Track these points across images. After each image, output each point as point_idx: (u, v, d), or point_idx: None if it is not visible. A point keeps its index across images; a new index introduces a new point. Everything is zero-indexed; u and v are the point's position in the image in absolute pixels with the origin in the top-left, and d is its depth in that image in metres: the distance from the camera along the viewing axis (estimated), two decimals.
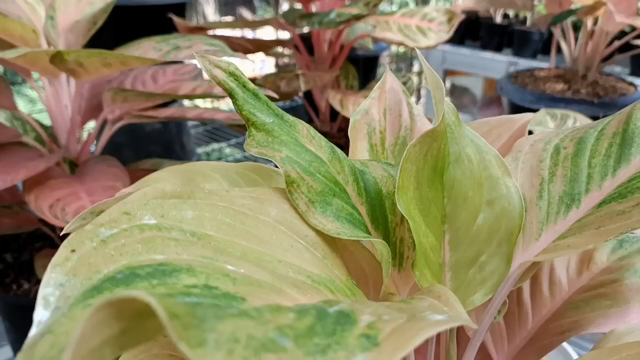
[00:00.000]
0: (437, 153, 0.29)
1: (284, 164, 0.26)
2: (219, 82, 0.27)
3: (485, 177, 0.31)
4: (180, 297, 0.16)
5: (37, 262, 0.62)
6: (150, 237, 0.19)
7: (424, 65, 0.30)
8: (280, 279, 0.21)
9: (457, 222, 0.31)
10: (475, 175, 0.31)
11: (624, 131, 0.31)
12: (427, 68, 0.30)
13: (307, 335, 0.15)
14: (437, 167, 0.29)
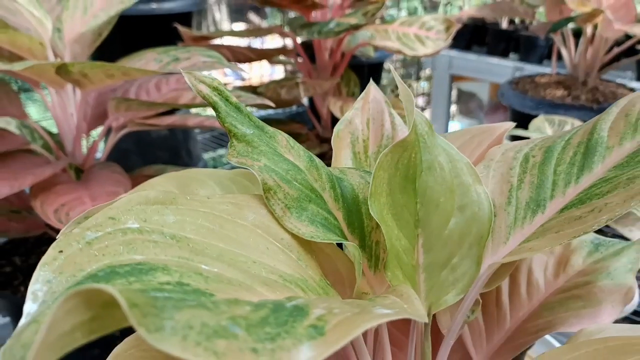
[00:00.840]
0: (408, 162, 0.31)
1: (261, 172, 0.28)
2: (203, 96, 0.29)
3: (456, 184, 0.33)
4: (153, 292, 0.18)
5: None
6: (132, 239, 0.22)
7: (395, 76, 0.32)
8: (252, 277, 0.23)
9: (430, 226, 0.33)
10: (447, 182, 0.33)
11: (588, 140, 0.33)
12: (399, 81, 0.32)
13: (259, 325, 0.17)
14: (408, 175, 0.31)
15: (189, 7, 1.17)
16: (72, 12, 0.63)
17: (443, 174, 0.33)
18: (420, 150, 0.32)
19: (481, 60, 2.21)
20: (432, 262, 0.33)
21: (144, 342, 0.31)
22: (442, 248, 0.33)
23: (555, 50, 1.20)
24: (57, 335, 0.13)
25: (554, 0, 1.12)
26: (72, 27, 0.63)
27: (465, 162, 0.33)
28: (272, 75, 2.66)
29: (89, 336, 0.15)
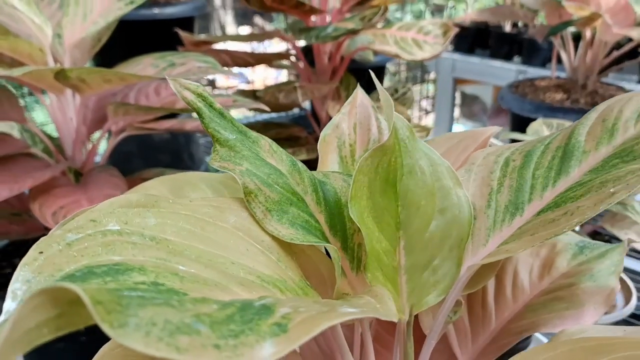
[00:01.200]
0: (387, 166, 0.32)
1: (242, 176, 0.29)
2: (188, 102, 0.30)
3: (437, 187, 0.34)
4: (126, 292, 0.19)
5: None
6: (111, 241, 0.23)
7: (376, 82, 0.33)
8: (229, 278, 0.24)
9: (411, 229, 0.33)
10: (428, 186, 0.34)
11: (566, 145, 0.34)
12: (379, 87, 0.32)
13: (223, 322, 0.18)
14: (388, 179, 0.32)
15: (190, 12, 1.18)
16: (72, 18, 0.64)
17: (424, 177, 0.34)
18: (401, 154, 0.33)
19: (484, 64, 2.21)
20: (413, 263, 0.34)
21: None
22: (423, 250, 0.34)
23: (555, 54, 1.21)
24: (23, 331, 0.14)
25: (553, 4, 1.12)
26: (72, 32, 0.64)
27: (446, 166, 0.34)
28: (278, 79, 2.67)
29: (56, 332, 0.15)
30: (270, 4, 0.83)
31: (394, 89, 1.08)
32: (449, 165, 0.34)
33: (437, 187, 0.34)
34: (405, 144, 0.33)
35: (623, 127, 0.32)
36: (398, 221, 0.33)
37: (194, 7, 1.19)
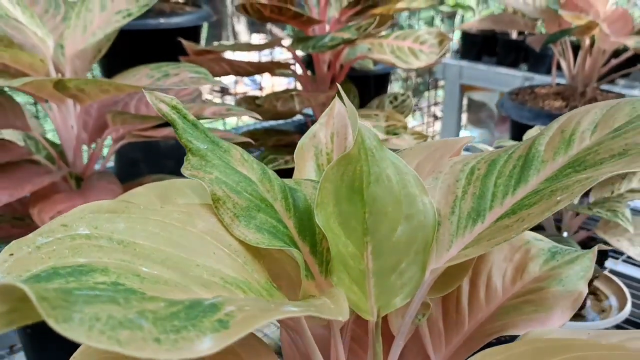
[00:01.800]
0: (352, 174, 0.33)
1: (211, 184, 0.31)
2: (163, 114, 0.32)
3: (404, 194, 0.35)
4: (86, 291, 0.21)
5: None
6: (79, 244, 0.24)
7: (341, 93, 0.35)
8: (191, 279, 0.26)
9: (378, 234, 0.35)
10: (395, 193, 0.35)
11: (527, 155, 0.35)
12: (344, 98, 0.34)
13: (167, 319, 0.19)
14: (354, 186, 0.34)
15: (196, 21, 1.21)
16: (73, 30, 0.66)
17: (391, 185, 0.35)
18: (367, 162, 0.34)
19: (491, 71, 2.22)
20: (381, 267, 0.35)
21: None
22: (390, 254, 0.35)
23: (555, 62, 1.22)
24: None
25: (552, 13, 1.13)
26: (73, 44, 0.66)
27: (412, 174, 0.35)
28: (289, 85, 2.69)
29: (9, 325, 0.17)
30: (269, 15, 0.85)
31: (394, 96, 1.10)
32: (415, 173, 0.35)
33: (404, 194, 0.35)
34: (372, 153, 0.35)
35: (579, 138, 0.34)
36: (365, 227, 0.35)
37: (200, 17, 1.21)
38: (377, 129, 0.92)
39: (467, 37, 2.33)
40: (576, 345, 0.29)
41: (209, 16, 1.23)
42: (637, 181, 0.86)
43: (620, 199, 0.82)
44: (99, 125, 0.74)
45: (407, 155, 0.47)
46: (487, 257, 0.45)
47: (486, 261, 0.45)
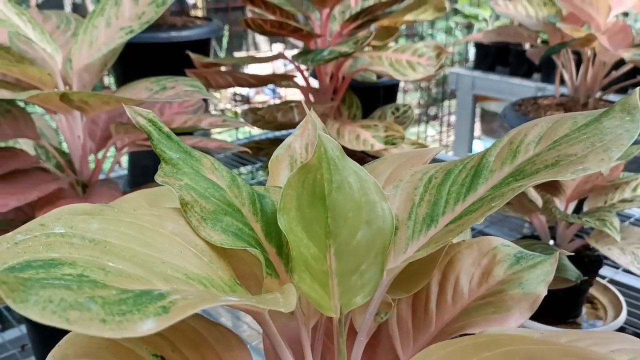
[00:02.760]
0: (313, 182, 0.36)
1: (180, 190, 0.34)
2: (140, 126, 0.36)
3: (364, 201, 0.38)
4: (52, 280, 0.24)
5: None
6: (53, 241, 0.28)
7: (306, 109, 0.38)
8: (155, 274, 0.29)
9: (340, 238, 0.38)
10: (356, 199, 0.38)
11: (478, 164, 0.38)
12: (307, 111, 0.37)
13: (115, 304, 0.23)
14: (315, 193, 0.37)
15: (206, 34, 1.25)
16: (80, 45, 0.70)
17: (352, 192, 0.38)
18: (329, 171, 0.37)
19: (503, 81, 2.24)
20: (343, 268, 0.38)
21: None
22: (351, 256, 0.38)
23: (558, 73, 1.24)
24: None
25: (553, 26, 1.15)
26: (80, 58, 0.70)
27: (372, 182, 0.38)
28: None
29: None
30: (270, 29, 0.89)
31: (396, 107, 1.13)
32: (375, 181, 0.38)
33: (364, 201, 0.38)
34: (334, 163, 0.38)
35: (524, 150, 0.36)
36: (328, 230, 0.38)
37: (209, 30, 1.26)
38: (376, 138, 0.95)
39: (480, 48, 2.35)
40: (510, 340, 0.32)
41: (218, 30, 1.27)
42: (629, 191, 0.88)
43: (611, 209, 0.84)
44: (105, 135, 0.78)
45: (382, 163, 0.50)
46: (457, 263, 0.48)
47: (455, 266, 0.48)
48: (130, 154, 1.35)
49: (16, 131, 0.72)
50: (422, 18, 1.30)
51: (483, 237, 0.49)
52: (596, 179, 0.83)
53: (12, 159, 0.71)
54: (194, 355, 0.39)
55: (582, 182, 0.83)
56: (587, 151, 0.31)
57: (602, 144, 0.31)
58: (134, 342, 0.37)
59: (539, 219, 0.92)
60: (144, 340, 0.37)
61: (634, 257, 0.82)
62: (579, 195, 0.87)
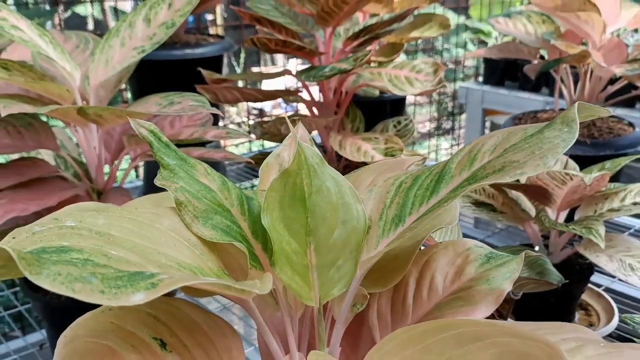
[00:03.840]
0: (293, 185, 0.41)
1: (176, 191, 0.39)
2: (143, 137, 0.41)
3: (341, 203, 0.43)
4: (63, 263, 0.29)
5: None
6: (64, 232, 0.33)
7: (289, 125, 0.43)
8: (150, 261, 0.34)
9: (319, 235, 0.43)
10: (333, 202, 0.43)
11: (442, 171, 0.43)
12: (289, 123, 0.42)
13: (112, 279, 0.28)
14: (295, 195, 0.42)
15: (217, 51, 1.31)
16: (97, 64, 0.76)
17: (330, 195, 0.43)
18: (309, 176, 0.42)
19: (512, 95, 2.27)
20: (322, 263, 0.43)
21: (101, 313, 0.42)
22: (329, 252, 0.43)
23: (557, 88, 1.28)
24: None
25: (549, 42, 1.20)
26: (96, 75, 0.76)
27: (348, 186, 0.43)
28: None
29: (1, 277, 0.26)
30: (274, 48, 0.94)
31: (398, 121, 1.17)
32: (351, 186, 0.43)
33: (341, 203, 0.43)
34: (314, 169, 0.43)
35: (480, 158, 0.41)
36: (308, 229, 0.43)
37: (221, 48, 1.32)
38: (376, 150, 1.00)
39: (490, 63, 2.39)
40: (461, 323, 0.36)
41: (230, 47, 1.33)
42: (618, 201, 0.91)
43: (599, 218, 0.87)
44: (119, 147, 0.84)
45: (366, 171, 0.55)
46: (433, 262, 0.52)
47: (432, 265, 0.52)
48: (146, 167, 1.42)
49: (37, 143, 0.78)
50: (427, 35, 1.35)
51: (460, 240, 0.54)
52: (584, 190, 0.87)
53: (34, 168, 0.77)
54: (190, 340, 0.44)
55: (570, 193, 0.87)
56: (527, 158, 0.36)
57: (541, 151, 0.36)
58: (136, 326, 0.42)
59: (532, 228, 0.96)
60: (145, 325, 0.42)
61: (620, 264, 0.85)
62: (568, 204, 0.91)
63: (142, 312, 0.43)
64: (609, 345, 0.41)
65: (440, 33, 1.36)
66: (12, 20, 0.70)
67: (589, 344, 0.42)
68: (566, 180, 0.83)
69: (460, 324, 0.37)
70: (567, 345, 0.42)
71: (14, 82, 0.70)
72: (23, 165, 0.78)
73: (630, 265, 0.85)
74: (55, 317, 0.77)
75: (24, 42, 0.69)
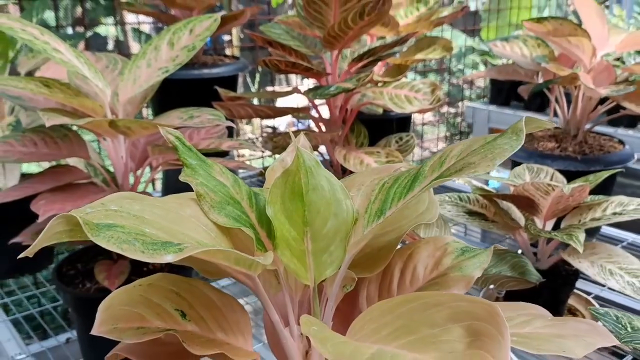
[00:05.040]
0: (292, 183, 0.50)
1: (196, 186, 0.48)
2: (170, 142, 0.50)
3: (333, 199, 0.51)
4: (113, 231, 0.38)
5: (96, 269, 0.86)
6: (109, 214, 0.42)
7: (292, 137, 0.51)
8: (175, 238, 0.43)
9: (314, 226, 0.51)
10: (327, 198, 0.51)
11: (417, 172, 0.51)
12: (293, 139, 0.51)
13: (149, 244, 0.36)
14: (294, 191, 0.50)
15: (233, 71, 1.41)
16: (125, 83, 0.86)
17: (324, 192, 0.51)
18: (306, 176, 0.51)
19: (517, 115, 2.35)
20: (316, 248, 0.51)
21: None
22: (322, 240, 0.51)
23: (552, 107, 1.36)
24: (52, 234, 0.33)
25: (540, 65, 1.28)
26: (125, 93, 0.86)
27: (339, 185, 0.52)
28: None
29: (70, 237, 0.35)
30: (285, 68, 1.04)
31: (400, 137, 1.26)
32: (342, 185, 0.52)
33: (333, 199, 0.51)
34: (311, 170, 0.51)
35: (448, 161, 0.49)
36: (305, 220, 0.51)
37: (236, 68, 1.41)
38: (378, 163, 1.08)
39: (496, 84, 2.47)
40: (427, 295, 0.45)
41: (244, 67, 1.43)
42: (600, 211, 0.99)
43: (581, 226, 0.95)
44: (143, 156, 0.93)
45: (361, 175, 0.64)
46: (416, 255, 0.61)
47: (414, 257, 0.61)
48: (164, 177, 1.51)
49: (71, 152, 0.88)
50: (431, 57, 1.44)
51: (440, 236, 0.62)
52: (567, 200, 0.95)
53: (68, 174, 0.86)
54: (206, 313, 0.52)
55: (553, 203, 0.95)
56: (481, 160, 0.44)
57: (492, 155, 0.44)
58: (161, 299, 0.51)
59: (522, 237, 1.03)
60: (168, 299, 0.51)
61: (601, 269, 0.93)
62: (554, 214, 0.99)
63: (166, 288, 0.52)
64: (556, 319, 0.49)
65: (444, 55, 1.44)
66: (53, 43, 0.80)
67: (539, 318, 0.50)
68: (549, 190, 0.91)
69: (425, 295, 0.45)
70: (520, 319, 0.50)
71: (54, 98, 0.80)
72: (59, 172, 0.87)
73: (610, 271, 0.93)
74: (85, 308, 0.86)
75: (64, 62, 0.78)
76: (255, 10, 1.41)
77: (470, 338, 0.38)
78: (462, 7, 1.41)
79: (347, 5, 1.03)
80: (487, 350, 0.36)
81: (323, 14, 1.05)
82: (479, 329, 0.38)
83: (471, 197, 1.07)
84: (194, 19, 0.85)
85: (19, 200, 0.84)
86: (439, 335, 0.40)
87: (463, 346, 0.37)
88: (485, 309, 0.39)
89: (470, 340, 0.38)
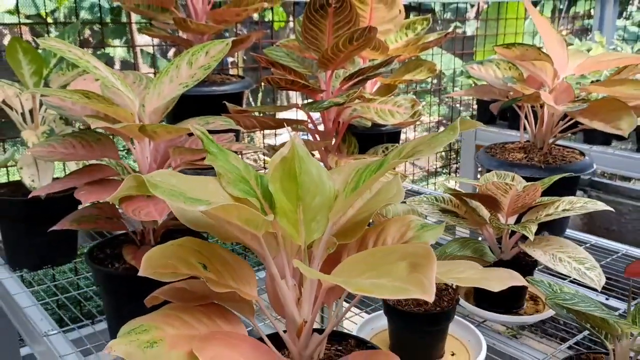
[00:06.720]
0: (289, 168, 0.66)
1: (217, 167, 0.64)
2: (198, 136, 0.67)
3: (319, 181, 0.68)
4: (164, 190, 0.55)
5: (124, 251, 1.03)
6: (156, 182, 0.58)
7: (290, 135, 0.68)
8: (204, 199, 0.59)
9: (305, 201, 0.68)
10: (315, 180, 0.68)
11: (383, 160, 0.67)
12: (291, 135, 0.68)
13: (189, 199, 0.53)
14: (290, 174, 0.67)
15: (239, 89, 1.58)
16: (151, 95, 1.03)
17: (312, 176, 0.68)
18: (299, 163, 0.67)
19: (502, 133, 2.53)
20: (306, 218, 0.68)
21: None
22: (311, 212, 0.68)
23: (522, 123, 1.53)
24: (127, 187, 0.50)
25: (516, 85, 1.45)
26: (150, 104, 1.03)
27: (325, 171, 0.68)
28: None
29: (137, 192, 0.51)
30: (285, 85, 1.21)
31: (386, 147, 1.43)
32: (327, 171, 0.68)
33: (319, 181, 0.68)
34: (303, 158, 0.68)
35: (405, 150, 0.66)
36: (298, 196, 0.67)
37: (242, 86, 1.59)
38: None
39: (482, 104, 2.65)
40: (384, 249, 0.61)
41: (249, 85, 1.60)
42: (554, 209, 1.15)
43: (535, 220, 1.11)
44: (164, 158, 1.10)
45: (343, 167, 0.80)
46: (387, 229, 0.77)
47: (385, 231, 0.77)
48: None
49: (103, 153, 1.05)
50: (417, 78, 1.61)
51: (406, 216, 0.78)
52: (524, 199, 1.11)
53: (101, 172, 1.03)
54: (221, 268, 0.68)
55: (513, 201, 1.11)
56: (426, 148, 0.61)
57: (434, 144, 0.61)
58: (188, 255, 0.67)
59: (488, 231, 1.20)
60: (193, 255, 0.67)
61: (552, 257, 1.09)
62: (514, 211, 1.15)
63: (192, 248, 0.68)
64: (485, 269, 0.66)
65: (429, 76, 1.61)
66: (92, 62, 0.97)
67: (473, 268, 0.66)
68: (507, 189, 1.08)
69: (386, 248, 0.61)
70: (460, 268, 0.66)
71: (93, 107, 0.97)
72: (93, 170, 1.04)
73: (560, 258, 1.09)
74: (113, 284, 1.02)
75: (102, 77, 0.95)
76: (260, 35, 1.59)
77: (411, 268, 0.54)
78: (445, 34, 1.58)
79: (339, 32, 1.20)
80: (421, 273, 0.52)
81: (318, 39, 1.22)
82: (418, 261, 0.54)
83: (445, 197, 1.24)
84: (209, 43, 1.03)
85: (44, 203, 1.02)
86: (391, 268, 0.56)
87: (406, 272, 0.54)
88: (423, 249, 0.55)
89: (412, 269, 0.54)
